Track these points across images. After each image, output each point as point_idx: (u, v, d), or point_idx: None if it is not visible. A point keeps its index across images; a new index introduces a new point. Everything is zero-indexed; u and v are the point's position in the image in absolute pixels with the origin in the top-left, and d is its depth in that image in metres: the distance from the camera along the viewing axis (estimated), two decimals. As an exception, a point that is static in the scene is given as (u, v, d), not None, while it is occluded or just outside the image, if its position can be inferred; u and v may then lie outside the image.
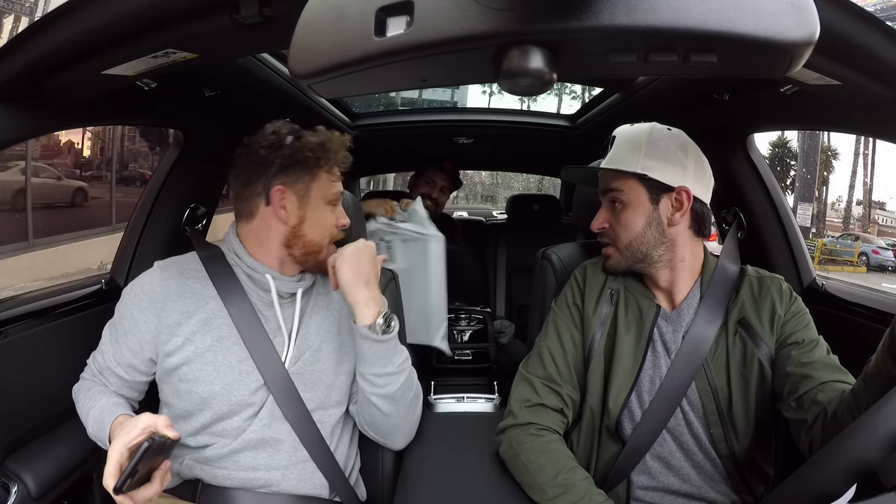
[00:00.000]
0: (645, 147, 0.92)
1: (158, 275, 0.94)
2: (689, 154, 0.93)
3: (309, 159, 0.92)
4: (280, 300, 0.94)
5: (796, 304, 0.92)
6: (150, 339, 0.91)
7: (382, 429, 0.98)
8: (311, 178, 0.93)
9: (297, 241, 0.93)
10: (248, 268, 0.94)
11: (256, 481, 0.90)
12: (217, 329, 0.91)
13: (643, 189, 0.92)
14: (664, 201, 0.92)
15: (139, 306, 0.92)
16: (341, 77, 0.47)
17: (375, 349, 0.90)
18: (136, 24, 0.69)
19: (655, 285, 0.96)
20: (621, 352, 0.94)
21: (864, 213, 25.10)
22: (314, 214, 0.94)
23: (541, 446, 0.90)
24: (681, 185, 0.91)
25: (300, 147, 0.91)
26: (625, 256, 0.95)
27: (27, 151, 7.22)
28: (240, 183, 0.94)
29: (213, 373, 0.90)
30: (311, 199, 0.93)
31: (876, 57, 0.66)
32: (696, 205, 0.93)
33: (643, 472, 0.93)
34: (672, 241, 0.93)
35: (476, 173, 24.85)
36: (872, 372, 0.69)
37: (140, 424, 0.75)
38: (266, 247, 0.94)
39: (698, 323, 0.91)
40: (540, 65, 0.43)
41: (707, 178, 0.96)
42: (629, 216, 0.93)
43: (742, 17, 0.39)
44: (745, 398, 0.89)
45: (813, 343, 0.87)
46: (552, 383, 0.96)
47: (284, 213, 0.92)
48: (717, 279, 0.94)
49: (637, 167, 0.92)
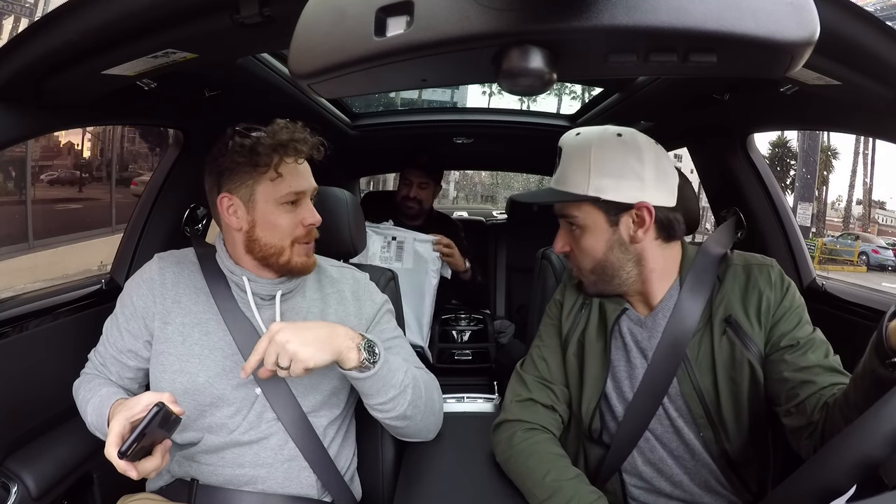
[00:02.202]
0: (593, 164, 0.83)
1: (157, 264, 0.98)
2: (644, 161, 0.84)
3: (241, 163, 0.89)
4: (260, 301, 0.95)
5: (788, 296, 0.85)
6: (147, 323, 0.94)
7: (409, 435, 1.00)
8: (253, 181, 0.90)
9: (255, 246, 0.92)
10: (227, 270, 0.96)
11: (242, 478, 0.90)
12: (206, 324, 0.93)
13: (599, 212, 0.85)
14: (624, 220, 0.85)
15: (138, 293, 0.95)
16: (341, 77, 0.47)
17: (371, 383, 0.87)
18: (136, 24, 0.69)
19: (629, 294, 0.93)
20: (590, 359, 0.92)
21: (864, 212, 25.09)
22: (264, 218, 0.91)
23: (528, 448, 0.90)
24: (640, 200, 0.83)
25: (232, 151, 0.89)
26: (592, 281, 0.90)
27: (27, 151, 7.22)
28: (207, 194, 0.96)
29: (197, 364, 0.91)
30: (258, 202, 0.90)
31: (876, 57, 0.66)
32: (660, 213, 0.85)
33: (635, 475, 0.92)
34: (639, 255, 0.87)
35: (476, 173, 24.86)
36: (860, 371, 0.68)
37: (143, 401, 0.77)
38: (237, 252, 0.95)
39: (677, 317, 0.86)
40: (540, 65, 0.43)
41: (670, 180, 0.87)
42: (589, 241, 0.87)
43: (742, 17, 0.39)
44: (734, 400, 0.85)
45: (809, 343, 0.82)
46: (544, 381, 0.96)
47: (236, 219, 0.92)
48: (698, 266, 0.89)
49: (589, 189, 0.83)
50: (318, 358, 0.80)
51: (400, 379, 0.89)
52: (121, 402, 0.82)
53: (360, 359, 0.83)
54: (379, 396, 0.88)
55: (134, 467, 0.74)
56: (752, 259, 0.90)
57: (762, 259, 0.90)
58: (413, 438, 1.02)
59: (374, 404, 0.90)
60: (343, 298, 1.00)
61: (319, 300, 1.00)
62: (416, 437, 1.01)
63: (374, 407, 0.90)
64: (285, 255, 0.92)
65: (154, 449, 0.77)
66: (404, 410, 0.90)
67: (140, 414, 0.75)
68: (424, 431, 1.00)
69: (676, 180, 0.88)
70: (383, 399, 0.88)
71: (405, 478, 1.00)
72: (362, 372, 0.84)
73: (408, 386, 0.90)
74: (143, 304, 0.94)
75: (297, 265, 0.93)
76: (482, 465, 0.98)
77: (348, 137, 2.12)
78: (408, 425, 0.94)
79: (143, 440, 0.72)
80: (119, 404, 0.82)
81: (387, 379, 0.87)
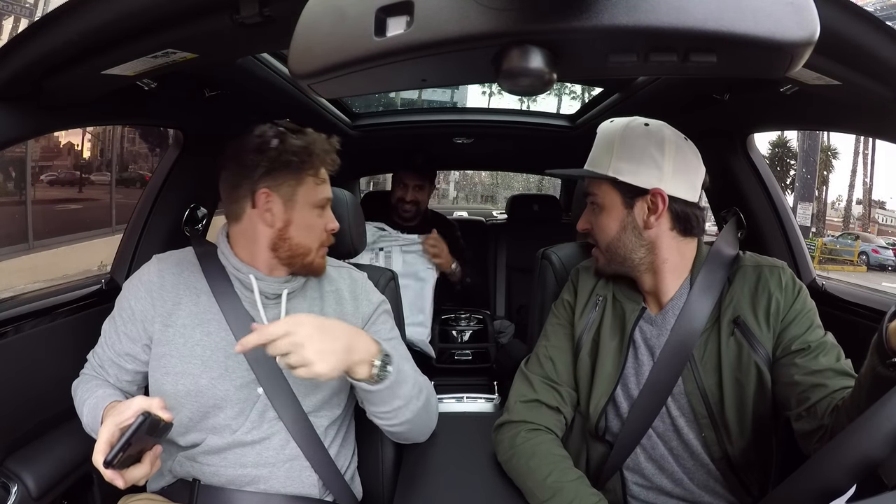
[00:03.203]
0: (616, 147, 0.88)
1: (155, 265, 0.97)
2: (666, 152, 0.87)
3: (293, 163, 0.91)
4: (265, 300, 0.95)
5: (799, 299, 0.86)
6: (146, 327, 0.93)
7: (404, 438, 1.00)
8: (296, 182, 0.92)
9: (284, 244, 0.93)
10: (233, 268, 0.95)
11: (244, 478, 0.90)
12: (207, 324, 0.92)
13: (616, 193, 0.89)
14: (639, 204, 0.88)
15: (136, 295, 0.94)
16: (341, 77, 0.47)
17: (377, 395, 0.86)
18: (136, 24, 0.69)
19: (642, 289, 0.94)
20: (604, 357, 0.92)
21: (864, 212, 25.09)
22: (301, 218, 0.93)
23: (531, 448, 0.90)
24: (655, 187, 0.86)
25: (285, 150, 0.91)
26: (608, 259, 0.93)
27: (27, 151, 7.22)
28: (227, 186, 0.94)
29: (199, 366, 0.90)
30: (298, 203, 0.93)
31: (876, 57, 0.65)
32: (676, 205, 0.88)
33: (637, 471, 0.92)
34: (652, 243, 0.89)
35: (476, 173, 24.87)
36: (863, 371, 0.68)
37: (133, 406, 0.75)
38: (254, 249, 0.94)
39: (685, 316, 0.87)
40: (540, 65, 0.43)
41: (692, 174, 0.89)
42: (605, 220, 0.91)
43: (742, 17, 0.39)
44: (739, 401, 0.85)
45: (821, 347, 0.82)
46: (550, 381, 0.96)
47: (270, 216, 0.92)
48: (710, 265, 0.90)
49: (609, 170, 0.88)
50: (332, 374, 0.78)
51: (406, 391, 0.89)
52: (113, 406, 0.81)
53: (369, 373, 0.83)
54: (383, 406, 0.88)
55: (121, 475, 0.73)
56: (763, 261, 0.91)
57: (773, 261, 0.91)
58: (404, 441, 1.02)
59: (375, 412, 0.90)
60: (341, 297, 1.01)
61: (319, 299, 1.00)
62: (410, 440, 1.02)
63: (375, 414, 0.91)
64: (311, 256, 0.95)
65: (143, 456, 0.76)
66: (405, 419, 0.91)
67: (129, 420, 0.73)
68: (419, 436, 1.01)
69: (701, 177, 0.90)
70: (386, 409, 0.88)
71: (405, 478, 1.00)
72: (370, 385, 0.84)
73: (412, 398, 0.90)
74: (142, 307, 0.93)
75: (318, 267, 0.97)
76: (482, 465, 0.98)
77: (348, 137, 2.12)
78: (406, 430, 0.94)
79: (129, 449, 0.71)
80: (111, 408, 0.81)
81: (394, 391, 0.87)
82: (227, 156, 0.94)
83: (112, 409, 0.80)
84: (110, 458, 0.70)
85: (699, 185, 0.90)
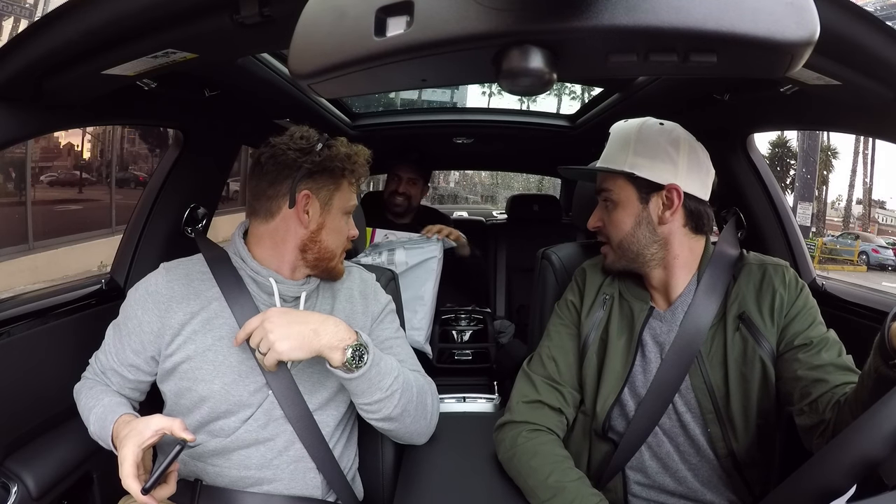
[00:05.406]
0: (634, 144, 0.90)
1: (164, 276, 0.94)
2: (680, 150, 0.90)
3: (336, 169, 0.94)
4: (283, 303, 0.95)
5: (802, 296, 0.88)
6: (153, 340, 0.92)
7: (399, 437, 1.00)
8: (335, 188, 0.95)
9: (314, 247, 0.95)
10: (252, 271, 0.94)
11: (248, 480, 0.90)
12: (219, 329, 0.92)
13: (632, 188, 0.91)
14: (654, 200, 0.90)
15: (143, 307, 0.92)
16: (341, 77, 0.47)
17: (355, 384, 0.88)
18: (136, 24, 0.69)
19: (651, 285, 0.95)
20: (612, 356, 0.93)
21: (864, 212, 25.09)
22: (333, 223, 0.96)
23: (532, 448, 0.90)
24: (671, 182, 0.88)
25: (331, 156, 0.93)
26: (618, 255, 0.94)
27: (27, 152, 7.21)
28: (264, 181, 0.93)
29: (212, 372, 0.90)
30: (333, 208, 0.95)
31: (876, 57, 0.65)
32: (690, 202, 0.90)
33: (640, 470, 0.92)
34: (665, 239, 0.91)
35: (476, 173, 24.90)
36: (866, 370, 0.69)
37: (153, 426, 0.77)
38: (280, 249, 0.94)
39: (692, 315, 0.89)
40: (540, 65, 0.43)
41: (704, 173, 0.92)
42: (619, 215, 0.92)
43: (742, 17, 0.39)
44: (744, 396, 0.86)
45: (823, 342, 0.84)
46: (553, 382, 0.96)
47: (307, 217, 0.93)
48: (715, 264, 0.92)
49: (625, 165, 0.90)
50: (293, 354, 0.83)
51: (388, 384, 0.89)
52: (127, 423, 0.81)
53: (343, 360, 0.84)
54: (364, 397, 0.89)
55: (153, 497, 0.75)
56: (767, 260, 0.93)
57: (776, 260, 0.93)
58: (401, 441, 1.02)
59: (359, 403, 0.91)
60: (351, 296, 1.02)
61: (330, 297, 1.01)
62: (405, 440, 1.01)
63: (360, 406, 0.92)
64: (335, 260, 0.98)
65: (168, 476, 0.78)
66: (388, 414, 0.91)
67: (151, 440, 0.76)
68: (414, 435, 0.99)
69: (712, 178, 0.93)
70: (368, 400, 0.89)
71: (405, 478, 1.00)
72: (346, 373, 0.85)
73: (395, 391, 0.90)
74: (149, 320, 0.91)
75: (339, 271, 1.00)
76: (482, 465, 0.98)
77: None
78: (395, 428, 0.94)
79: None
80: (125, 425, 0.81)
81: (373, 381, 0.88)
82: (263, 152, 0.94)
83: (127, 425, 0.80)
84: (149, 487, 0.73)
85: (710, 185, 0.93)
